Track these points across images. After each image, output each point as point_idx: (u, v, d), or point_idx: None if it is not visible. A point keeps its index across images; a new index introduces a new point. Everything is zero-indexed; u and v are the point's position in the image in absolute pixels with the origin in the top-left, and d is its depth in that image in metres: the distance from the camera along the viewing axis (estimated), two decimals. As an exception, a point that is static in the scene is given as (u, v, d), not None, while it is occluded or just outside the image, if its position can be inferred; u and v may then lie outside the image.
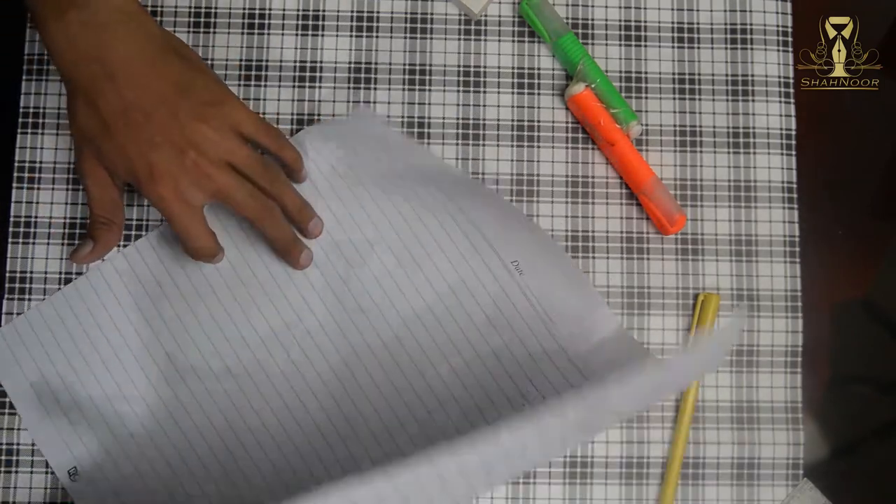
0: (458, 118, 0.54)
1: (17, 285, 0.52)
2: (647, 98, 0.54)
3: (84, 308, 0.51)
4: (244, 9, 0.54)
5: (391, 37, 0.54)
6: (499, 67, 0.54)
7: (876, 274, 0.56)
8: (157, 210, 0.46)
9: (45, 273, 0.52)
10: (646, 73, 0.54)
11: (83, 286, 0.51)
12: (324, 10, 0.54)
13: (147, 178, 0.45)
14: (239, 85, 0.54)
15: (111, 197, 0.48)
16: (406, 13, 0.55)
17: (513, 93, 0.54)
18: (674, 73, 0.54)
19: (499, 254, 0.52)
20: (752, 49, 0.55)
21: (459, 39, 0.54)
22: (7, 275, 0.52)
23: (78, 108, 0.46)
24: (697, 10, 0.55)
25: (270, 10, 0.54)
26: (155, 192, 0.45)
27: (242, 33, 0.54)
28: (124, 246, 0.52)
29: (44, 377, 0.50)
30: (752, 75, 0.55)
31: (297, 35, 0.54)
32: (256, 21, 0.54)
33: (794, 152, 0.54)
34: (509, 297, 0.52)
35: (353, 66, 0.54)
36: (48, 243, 0.52)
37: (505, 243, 0.52)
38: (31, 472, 0.51)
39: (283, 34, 0.54)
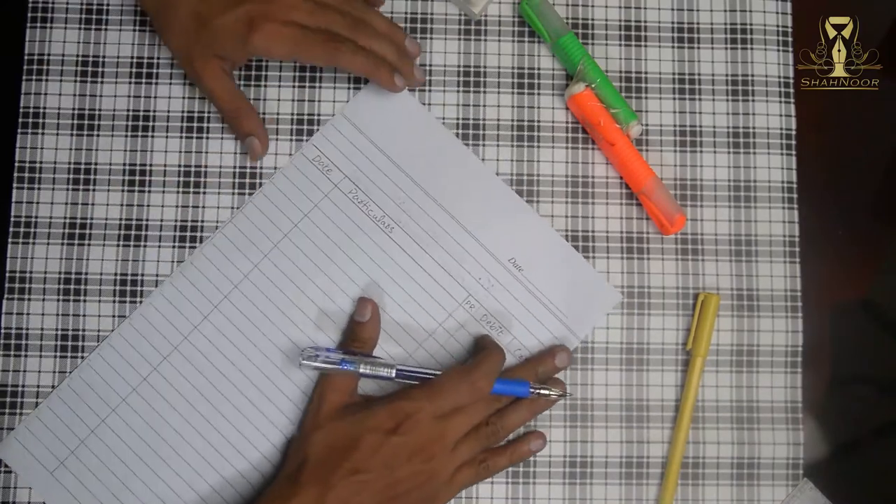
0: (458, 118, 0.54)
1: (16, 285, 0.52)
2: (647, 98, 0.54)
3: (90, 399, 0.51)
4: (244, 9, 0.54)
5: (391, 37, 0.54)
6: (499, 67, 0.54)
7: (876, 274, 0.56)
8: (268, 55, 0.49)
9: (45, 273, 0.52)
10: (646, 73, 0.54)
11: (86, 373, 0.51)
12: (324, 10, 0.54)
13: (249, 28, 0.48)
14: (239, 85, 0.53)
15: (229, 87, 0.51)
16: (406, 13, 0.54)
17: (513, 93, 0.54)
18: (674, 73, 0.54)
19: (495, 255, 0.52)
20: (752, 49, 0.55)
21: (459, 39, 0.54)
22: (7, 275, 0.52)
23: (170, 19, 0.49)
24: (697, 10, 0.55)
25: (270, 10, 0.54)
26: (260, 38, 0.48)
27: (242, 33, 0.54)
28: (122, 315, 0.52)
29: (65, 467, 0.51)
30: (752, 75, 0.54)
31: (297, 35, 0.54)
32: (256, 21, 0.54)
33: (794, 152, 0.54)
34: (511, 294, 0.52)
35: (353, 66, 0.54)
36: (48, 243, 0.52)
37: (500, 243, 0.52)
38: (31, 472, 0.51)
39: (283, 34, 0.54)
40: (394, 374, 0.49)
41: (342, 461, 0.46)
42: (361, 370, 0.48)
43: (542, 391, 0.49)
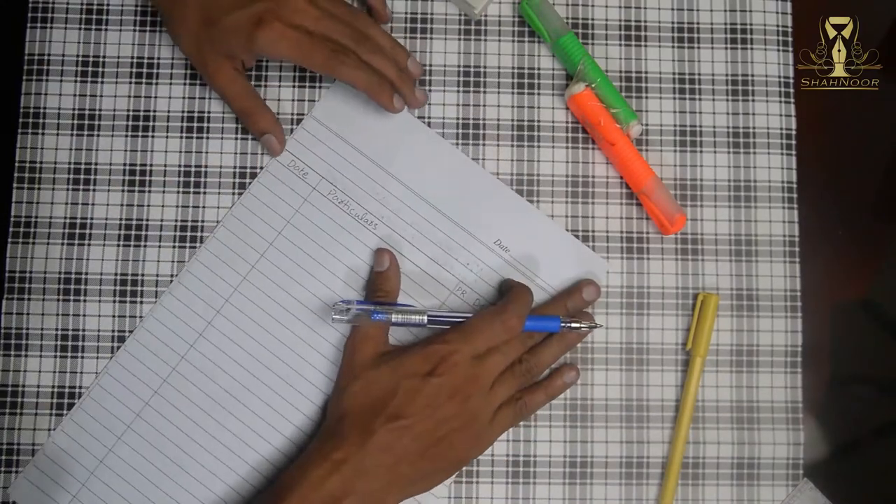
0: (458, 118, 0.54)
1: (16, 285, 0.52)
2: (647, 98, 0.54)
3: (89, 439, 0.51)
4: (244, 9, 0.54)
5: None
6: (499, 67, 0.54)
7: (876, 274, 0.56)
8: (272, 54, 0.49)
9: (45, 273, 0.52)
10: (646, 73, 0.54)
11: (88, 408, 0.51)
12: (324, 10, 0.54)
13: (256, 26, 0.48)
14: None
15: (242, 86, 0.51)
16: (406, 13, 0.54)
17: (513, 93, 0.54)
18: (674, 73, 0.54)
19: (480, 239, 0.52)
20: (752, 49, 0.55)
21: (459, 39, 0.54)
22: (7, 275, 0.52)
23: (180, 17, 0.50)
24: (697, 10, 0.55)
25: (270, 10, 0.54)
26: (265, 35, 0.48)
27: (242, 33, 0.54)
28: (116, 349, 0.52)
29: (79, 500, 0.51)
30: (752, 75, 0.54)
31: (297, 35, 0.54)
32: (256, 21, 0.54)
33: (794, 152, 0.54)
34: (501, 275, 0.52)
35: (353, 66, 0.54)
36: (48, 243, 0.52)
37: (483, 227, 0.52)
38: (32, 472, 0.51)
39: (283, 34, 0.54)
40: (425, 320, 0.49)
41: (382, 408, 0.46)
42: (393, 319, 0.48)
43: (573, 324, 0.50)
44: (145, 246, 0.52)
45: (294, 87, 0.54)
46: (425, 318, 0.49)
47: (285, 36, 0.48)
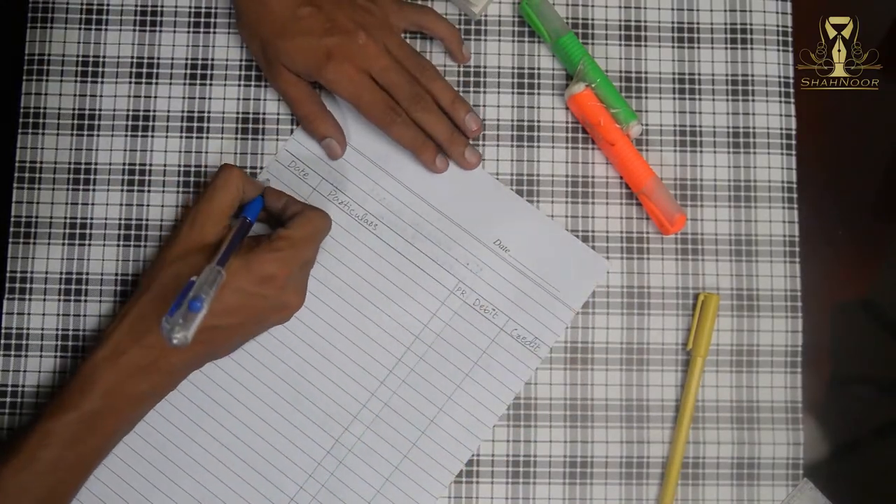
0: (458, 118, 0.54)
1: (17, 285, 0.52)
2: (647, 98, 0.54)
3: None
4: (244, 9, 0.54)
5: (391, 37, 0.54)
6: (499, 67, 0.54)
7: (876, 274, 0.56)
8: (331, 89, 0.50)
9: (46, 273, 0.52)
10: (646, 73, 0.54)
11: None
12: (324, 10, 0.54)
13: (327, 59, 0.49)
14: (239, 85, 0.54)
15: (305, 91, 0.52)
16: (406, 13, 0.54)
17: (513, 93, 0.54)
18: (674, 73, 0.54)
19: (480, 239, 0.52)
20: (752, 49, 0.55)
21: (459, 39, 0.54)
22: (7, 275, 0.52)
23: (254, 22, 0.50)
24: (697, 10, 0.55)
25: (270, 10, 0.54)
26: (333, 71, 0.49)
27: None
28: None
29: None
30: (752, 75, 0.55)
31: (297, 35, 0.54)
32: (256, 21, 0.54)
33: (794, 152, 0.54)
34: (501, 275, 0.52)
35: (353, 66, 0.54)
36: (48, 243, 0.52)
37: (483, 226, 0.52)
38: (32, 472, 0.51)
39: (283, 34, 0.54)
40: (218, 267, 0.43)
41: None
42: (212, 295, 0.42)
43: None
44: (145, 246, 0.52)
45: (294, 87, 0.54)
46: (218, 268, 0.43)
47: (352, 79, 0.49)
